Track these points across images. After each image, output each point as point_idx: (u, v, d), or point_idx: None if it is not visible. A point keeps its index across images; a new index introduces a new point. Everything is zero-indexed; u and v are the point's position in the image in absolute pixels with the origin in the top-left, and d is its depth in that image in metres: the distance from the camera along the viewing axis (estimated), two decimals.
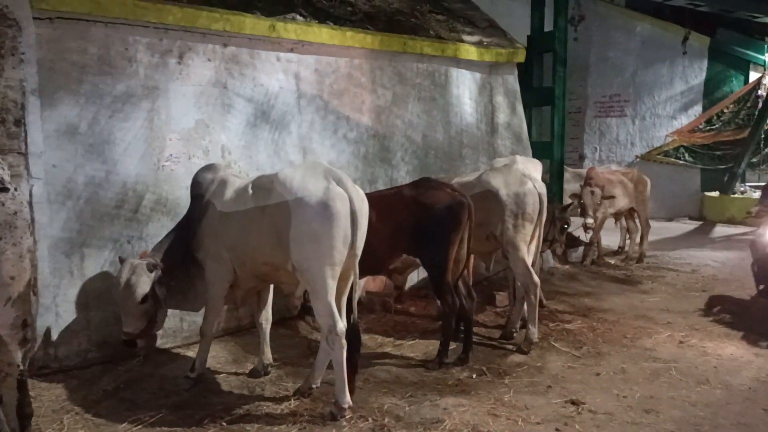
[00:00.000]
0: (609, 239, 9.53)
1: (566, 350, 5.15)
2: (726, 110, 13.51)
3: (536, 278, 5.23)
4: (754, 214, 5.83)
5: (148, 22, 4.86)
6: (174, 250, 4.25)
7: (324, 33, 5.93)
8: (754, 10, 12.62)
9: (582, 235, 8.54)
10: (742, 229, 11.54)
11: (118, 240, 4.81)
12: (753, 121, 12.94)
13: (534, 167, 5.80)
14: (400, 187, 5.09)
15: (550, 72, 8.59)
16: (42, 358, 4.39)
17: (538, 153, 7.98)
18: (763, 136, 12.99)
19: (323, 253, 3.71)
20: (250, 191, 4.07)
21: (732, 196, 13.03)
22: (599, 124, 14.78)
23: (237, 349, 5.05)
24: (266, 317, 4.59)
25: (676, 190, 13.40)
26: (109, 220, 4.76)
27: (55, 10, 4.43)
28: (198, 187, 4.35)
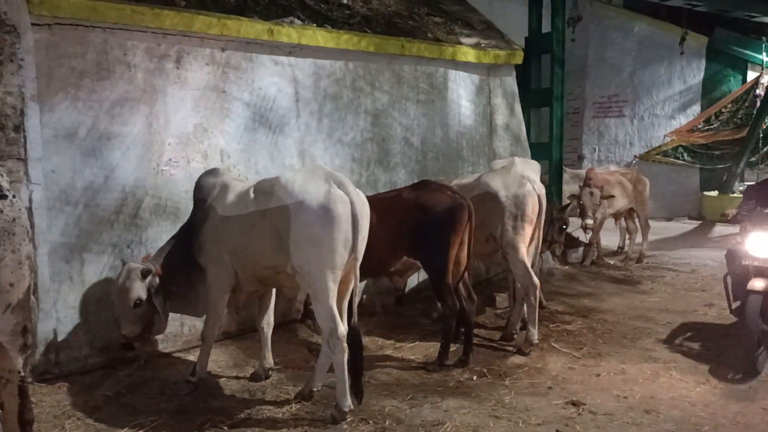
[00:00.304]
0: (608, 240, 9.52)
1: (566, 351, 5.15)
2: (724, 110, 13.52)
3: (536, 279, 5.23)
4: (730, 217, 5.26)
5: (145, 27, 4.85)
6: (175, 255, 4.26)
7: (322, 36, 5.92)
8: (752, 9, 12.64)
9: (581, 236, 8.56)
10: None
11: (118, 245, 4.81)
12: (751, 121, 12.93)
13: (533, 168, 5.80)
14: (401, 190, 5.10)
15: (548, 73, 8.61)
16: (43, 364, 4.40)
17: (537, 154, 7.98)
18: (761, 135, 12.98)
19: (324, 257, 3.71)
20: (252, 195, 4.07)
21: (731, 196, 13.00)
22: (598, 125, 14.80)
23: (238, 352, 5.05)
24: (268, 321, 4.59)
25: (675, 189, 13.42)
26: (109, 225, 4.76)
27: (53, 16, 4.42)
28: (200, 191, 4.35)
